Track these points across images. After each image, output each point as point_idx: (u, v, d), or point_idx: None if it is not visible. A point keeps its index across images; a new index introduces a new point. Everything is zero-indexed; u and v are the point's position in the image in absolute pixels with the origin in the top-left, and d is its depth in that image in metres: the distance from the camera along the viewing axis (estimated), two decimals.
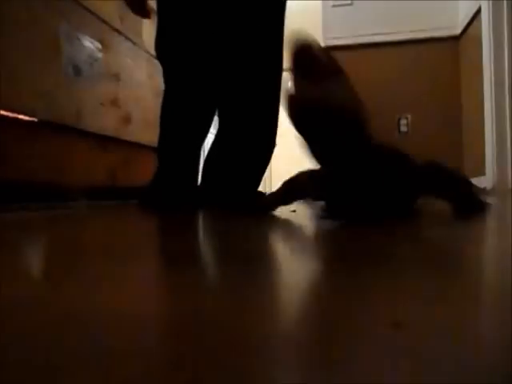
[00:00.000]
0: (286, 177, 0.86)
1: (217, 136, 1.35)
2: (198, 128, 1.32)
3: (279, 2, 1.30)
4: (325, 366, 0.15)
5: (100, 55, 1.85)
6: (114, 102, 1.95)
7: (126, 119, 2.05)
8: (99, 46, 1.85)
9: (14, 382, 0.14)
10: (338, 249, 0.46)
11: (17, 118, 1.41)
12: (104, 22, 1.90)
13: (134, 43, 2.15)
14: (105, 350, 0.17)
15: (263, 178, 1.38)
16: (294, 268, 0.35)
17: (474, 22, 2.87)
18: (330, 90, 0.69)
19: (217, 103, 1.33)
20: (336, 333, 0.19)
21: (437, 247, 0.45)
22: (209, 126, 1.34)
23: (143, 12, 1.41)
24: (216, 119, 1.37)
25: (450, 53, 3.17)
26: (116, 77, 1.97)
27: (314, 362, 0.16)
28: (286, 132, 0.89)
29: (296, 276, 0.32)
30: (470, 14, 2.89)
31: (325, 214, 0.84)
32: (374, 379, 0.14)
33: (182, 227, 0.79)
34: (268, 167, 1.37)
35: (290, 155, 2.95)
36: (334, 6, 3.34)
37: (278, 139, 1.35)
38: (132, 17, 1.51)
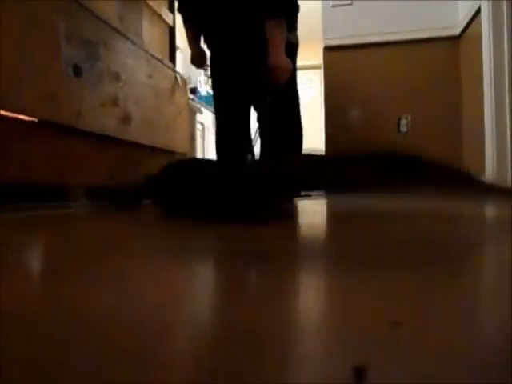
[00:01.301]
0: None
1: (260, 153, 1.99)
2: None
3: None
4: (328, 365, 0.15)
5: (100, 55, 1.85)
6: (114, 102, 1.95)
7: (126, 119, 2.05)
8: (99, 46, 1.84)
9: (17, 380, 0.14)
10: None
11: (17, 118, 1.41)
12: (104, 22, 1.90)
13: (134, 43, 2.15)
14: (105, 350, 0.17)
15: None
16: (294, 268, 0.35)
17: (474, 22, 2.87)
18: None
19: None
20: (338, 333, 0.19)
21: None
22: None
23: (201, 66, 2.09)
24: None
25: (450, 53, 3.17)
26: (116, 77, 1.97)
27: (318, 361, 0.16)
28: None
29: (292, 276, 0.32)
30: (470, 14, 2.89)
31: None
32: (375, 379, 0.14)
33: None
34: None
35: None
36: (333, 6, 3.33)
37: None
38: (132, 17, 1.53)
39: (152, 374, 0.15)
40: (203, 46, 2.10)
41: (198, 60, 2.03)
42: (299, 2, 1.87)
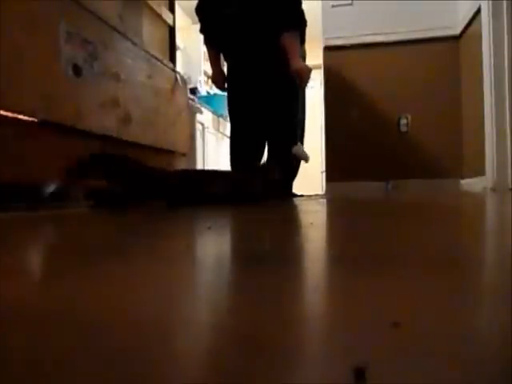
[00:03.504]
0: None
1: (268, 158, 2.18)
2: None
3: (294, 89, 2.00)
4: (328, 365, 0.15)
5: (100, 55, 1.85)
6: (114, 102, 1.95)
7: (126, 119, 2.05)
8: (99, 46, 1.84)
9: (15, 381, 0.14)
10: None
11: (17, 118, 1.41)
12: (104, 21, 1.89)
13: (134, 43, 2.15)
14: (104, 350, 0.17)
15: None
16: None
17: (474, 22, 2.87)
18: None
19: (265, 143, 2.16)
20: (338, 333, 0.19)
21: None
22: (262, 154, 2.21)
23: (221, 87, 2.23)
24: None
25: (450, 53, 3.17)
26: (116, 77, 1.97)
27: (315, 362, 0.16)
28: None
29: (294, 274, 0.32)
30: (470, 14, 2.89)
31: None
32: (375, 379, 0.14)
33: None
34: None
35: None
36: (333, 6, 3.33)
37: None
38: (132, 17, 1.54)
39: (152, 374, 0.15)
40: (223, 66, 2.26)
41: (218, 80, 2.18)
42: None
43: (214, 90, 4.76)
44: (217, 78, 2.20)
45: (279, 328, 0.19)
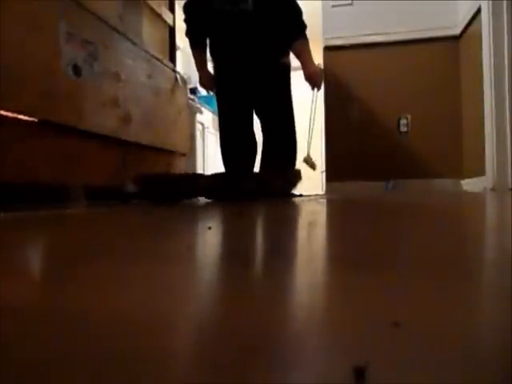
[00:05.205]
0: None
1: (262, 151, 2.19)
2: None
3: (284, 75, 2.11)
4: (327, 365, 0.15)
5: (100, 55, 1.85)
6: (114, 102, 1.95)
7: (126, 119, 2.05)
8: (99, 45, 1.84)
9: (14, 380, 0.14)
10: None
11: (17, 118, 1.41)
12: (104, 21, 1.89)
13: (134, 43, 2.15)
14: (103, 350, 0.17)
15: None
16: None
17: (474, 22, 2.87)
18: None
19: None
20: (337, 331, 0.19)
21: None
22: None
23: (211, 89, 2.23)
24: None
25: (450, 53, 3.17)
26: (116, 77, 1.97)
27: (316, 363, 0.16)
28: None
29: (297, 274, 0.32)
30: (470, 14, 2.89)
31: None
32: (375, 379, 0.14)
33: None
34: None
35: None
36: (333, 6, 3.33)
37: None
38: (132, 17, 1.55)
39: (151, 374, 0.15)
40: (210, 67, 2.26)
41: (207, 83, 2.21)
42: (300, 3, 2.04)
43: None
44: (206, 81, 2.21)
45: (279, 327, 0.19)
